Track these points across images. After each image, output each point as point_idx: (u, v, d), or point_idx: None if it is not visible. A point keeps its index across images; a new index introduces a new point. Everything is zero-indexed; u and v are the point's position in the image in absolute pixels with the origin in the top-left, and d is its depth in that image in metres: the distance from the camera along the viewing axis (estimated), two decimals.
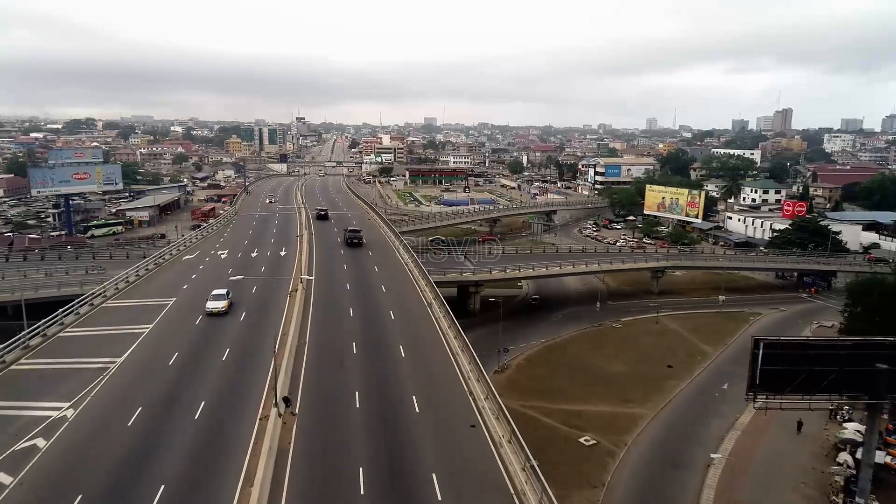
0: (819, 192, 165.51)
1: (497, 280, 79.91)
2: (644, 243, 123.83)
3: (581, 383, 56.69)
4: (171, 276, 60.25)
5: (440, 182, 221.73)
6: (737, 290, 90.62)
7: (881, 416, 36.18)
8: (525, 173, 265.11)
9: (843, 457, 42.67)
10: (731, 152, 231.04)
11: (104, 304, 50.30)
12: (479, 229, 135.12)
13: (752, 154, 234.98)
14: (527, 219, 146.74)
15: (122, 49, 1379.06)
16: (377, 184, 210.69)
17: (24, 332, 40.62)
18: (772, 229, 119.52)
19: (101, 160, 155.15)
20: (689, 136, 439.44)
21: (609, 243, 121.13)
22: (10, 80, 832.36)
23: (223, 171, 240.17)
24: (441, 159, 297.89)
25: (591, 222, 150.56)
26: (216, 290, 48.87)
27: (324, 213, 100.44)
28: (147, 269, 61.90)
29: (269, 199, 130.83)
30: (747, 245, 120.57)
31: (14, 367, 37.60)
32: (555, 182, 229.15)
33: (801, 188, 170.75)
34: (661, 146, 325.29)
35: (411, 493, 25.59)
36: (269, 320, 45.38)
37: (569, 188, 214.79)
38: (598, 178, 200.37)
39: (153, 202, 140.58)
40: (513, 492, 25.64)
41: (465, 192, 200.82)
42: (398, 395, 34.27)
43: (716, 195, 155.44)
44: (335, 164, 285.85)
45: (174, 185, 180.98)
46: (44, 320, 42.62)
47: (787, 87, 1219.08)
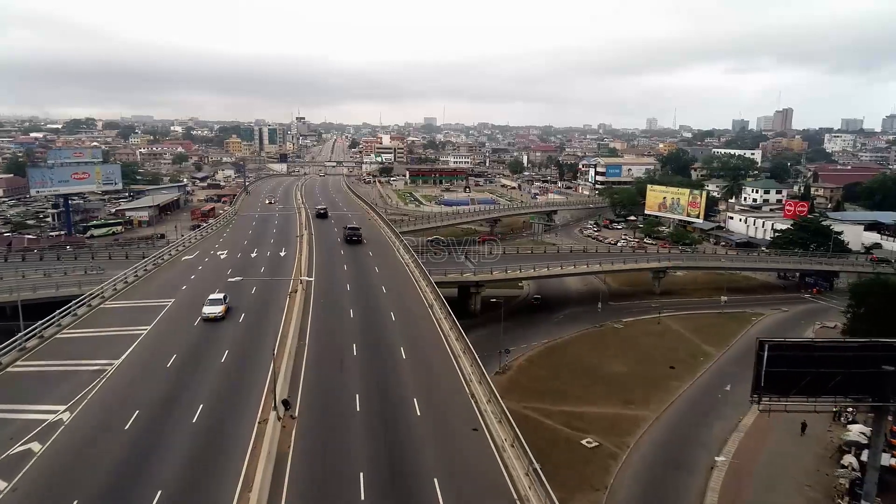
0: (820, 192, 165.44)
1: (498, 280, 79.48)
2: (645, 243, 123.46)
3: (583, 384, 56.31)
4: (170, 277, 59.89)
5: (440, 182, 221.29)
6: (739, 291, 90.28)
7: (887, 419, 35.78)
8: (525, 173, 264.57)
9: (848, 459, 42.33)
10: (731, 152, 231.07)
11: (102, 305, 49.93)
12: (479, 229, 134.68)
13: (752, 154, 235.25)
14: (527, 219, 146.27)
15: (122, 49, 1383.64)
16: (377, 184, 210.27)
17: (20, 333, 40.23)
18: (773, 229, 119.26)
19: (101, 160, 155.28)
20: (690, 136, 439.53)
21: (610, 243, 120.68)
22: (10, 80, 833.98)
23: (223, 171, 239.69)
24: (441, 159, 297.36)
25: (592, 222, 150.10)
26: (212, 295, 47.98)
27: (323, 212, 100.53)
28: (146, 270, 61.56)
29: (268, 199, 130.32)
30: (749, 245, 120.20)
31: (10, 369, 37.22)
32: (555, 182, 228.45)
33: (802, 188, 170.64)
34: (661, 146, 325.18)
35: (412, 497, 25.20)
36: (268, 322, 45.00)
37: (569, 188, 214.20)
38: (599, 178, 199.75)
39: (153, 202, 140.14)
40: (515, 497, 25.23)
41: (465, 192, 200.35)
42: (399, 398, 33.88)
43: (717, 195, 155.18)
44: (335, 164, 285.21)
45: (174, 185, 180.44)
46: (41, 322, 42.22)
47: (788, 87, 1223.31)
